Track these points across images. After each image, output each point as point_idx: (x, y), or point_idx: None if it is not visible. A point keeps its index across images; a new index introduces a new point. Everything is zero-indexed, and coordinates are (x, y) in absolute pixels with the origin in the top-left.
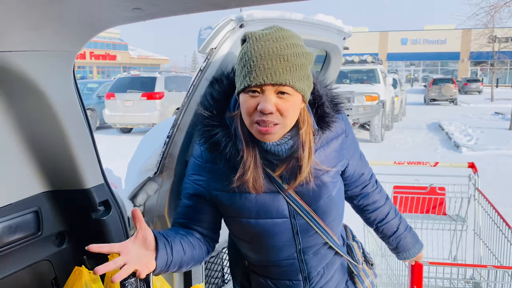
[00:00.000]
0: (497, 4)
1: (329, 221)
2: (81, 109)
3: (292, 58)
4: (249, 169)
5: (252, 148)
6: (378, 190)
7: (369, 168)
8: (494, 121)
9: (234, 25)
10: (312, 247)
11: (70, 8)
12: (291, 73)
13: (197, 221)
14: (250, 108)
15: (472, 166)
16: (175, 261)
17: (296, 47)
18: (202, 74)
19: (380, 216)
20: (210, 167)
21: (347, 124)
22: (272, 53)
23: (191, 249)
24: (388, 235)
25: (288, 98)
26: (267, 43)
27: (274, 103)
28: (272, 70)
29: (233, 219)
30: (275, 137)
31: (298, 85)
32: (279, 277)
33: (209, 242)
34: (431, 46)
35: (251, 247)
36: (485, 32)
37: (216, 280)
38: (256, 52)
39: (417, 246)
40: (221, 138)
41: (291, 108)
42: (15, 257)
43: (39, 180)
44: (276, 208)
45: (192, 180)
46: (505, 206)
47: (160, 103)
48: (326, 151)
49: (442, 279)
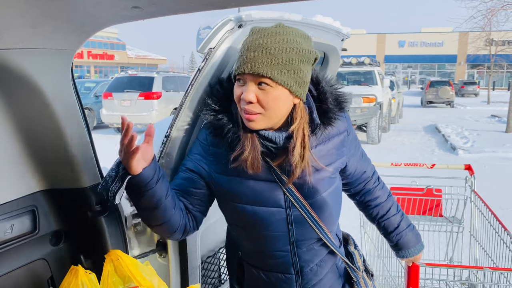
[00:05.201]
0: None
1: (324, 216)
2: (79, 108)
3: (277, 51)
4: (247, 150)
5: (250, 132)
6: (380, 187)
7: (372, 166)
8: (490, 124)
9: (233, 25)
10: (306, 241)
11: (68, 6)
12: (272, 65)
13: (188, 194)
14: (236, 96)
15: (469, 168)
16: (156, 190)
17: (287, 43)
18: (200, 74)
19: (381, 212)
20: (213, 151)
21: (349, 123)
22: (257, 45)
23: (172, 204)
24: (389, 231)
25: (269, 90)
26: (258, 37)
27: (255, 93)
28: (252, 61)
29: (230, 203)
30: (257, 125)
31: (278, 78)
32: (272, 269)
33: (191, 219)
34: (428, 48)
35: (246, 235)
36: (482, 35)
37: (213, 280)
38: (246, 44)
39: (418, 247)
40: (224, 123)
41: (271, 100)
42: (11, 256)
43: (36, 179)
44: (273, 197)
45: (194, 158)
46: (501, 208)
47: (158, 103)
48: (327, 146)
49: (438, 280)
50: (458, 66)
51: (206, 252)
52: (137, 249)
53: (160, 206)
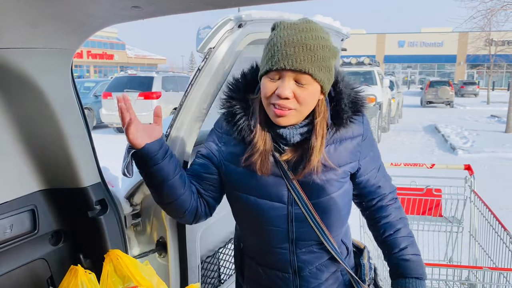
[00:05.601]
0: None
1: (327, 220)
2: (79, 108)
3: (315, 48)
4: (258, 152)
5: (264, 132)
6: (395, 206)
7: (391, 185)
8: (490, 124)
9: (233, 25)
10: (305, 242)
11: (68, 5)
12: (312, 62)
13: (200, 178)
14: (269, 91)
15: (468, 168)
16: (162, 167)
17: (321, 40)
18: (200, 73)
19: (389, 230)
20: (226, 138)
21: (366, 128)
22: (296, 41)
23: (181, 183)
24: (393, 250)
25: (307, 86)
26: (293, 32)
27: (292, 89)
28: (293, 56)
29: (235, 193)
30: (288, 121)
31: (317, 75)
32: (270, 266)
33: (202, 204)
34: (428, 48)
35: (246, 227)
36: (482, 35)
37: (213, 280)
38: (281, 39)
39: (419, 283)
40: (237, 111)
41: (308, 96)
42: (10, 256)
43: (35, 178)
44: (276, 192)
45: (207, 145)
46: (500, 209)
47: (157, 103)
48: (337, 148)
49: (438, 280)
50: (457, 66)
51: (206, 252)
52: (137, 248)
53: (167, 183)
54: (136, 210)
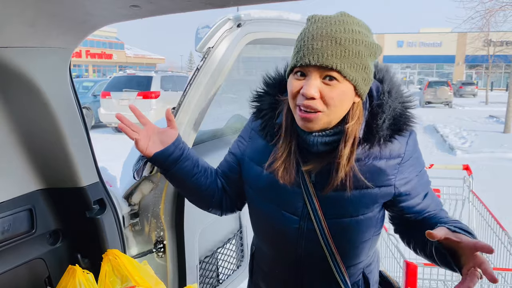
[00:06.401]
0: (492, 8)
1: (342, 246)
2: (77, 107)
3: (347, 42)
4: (281, 159)
5: (290, 138)
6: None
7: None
8: (488, 124)
9: (232, 24)
10: (313, 263)
11: (66, 4)
12: (342, 57)
13: (225, 175)
14: (294, 91)
15: (467, 168)
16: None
17: (356, 33)
18: (199, 73)
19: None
20: (253, 134)
21: (409, 150)
22: (325, 34)
23: (198, 184)
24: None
25: (336, 85)
26: (323, 25)
27: (318, 88)
28: (320, 51)
29: (250, 191)
30: (315, 125)
31: (347, 72)
32: (274, 276)
33: (228, 199)
34: (426, 49)
35: (258, 231)
36: (481, 36)
37: (211, 280)
38: (309, 32)
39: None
40: (263, 105)
41: (337, 96)
42: (8, 255)
43: (33, 178)
44: (292, 202)
45: (236, 140)
46: (498, 209)
47: (156, 103)
48: (367, 165)
49: (437, 280)
50: (456, 67)
51: (204, 252)
52: (135, 248)
53: (186, 183)
54: (134, 210)
